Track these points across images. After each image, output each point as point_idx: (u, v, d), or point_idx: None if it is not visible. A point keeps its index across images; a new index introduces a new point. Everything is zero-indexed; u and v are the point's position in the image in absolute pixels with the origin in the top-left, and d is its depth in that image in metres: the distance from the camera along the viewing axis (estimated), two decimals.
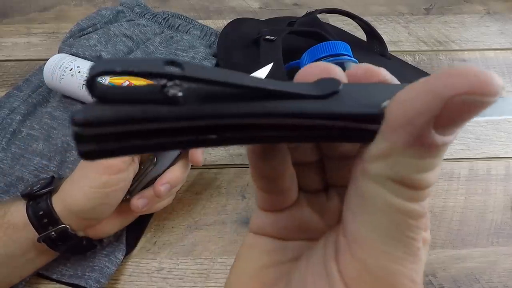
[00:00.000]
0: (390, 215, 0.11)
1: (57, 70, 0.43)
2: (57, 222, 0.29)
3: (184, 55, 0.49)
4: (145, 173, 0.33)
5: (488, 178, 0.42)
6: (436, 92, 0.10)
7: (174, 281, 0.34)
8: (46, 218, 0.29)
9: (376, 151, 0.11)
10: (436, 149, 0.10)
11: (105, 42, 0.47)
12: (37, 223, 0.29)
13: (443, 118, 0.10)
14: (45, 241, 0.30)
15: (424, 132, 0.10)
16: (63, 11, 0.60)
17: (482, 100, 0.09)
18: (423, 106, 0.10)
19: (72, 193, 0.30)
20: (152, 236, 0.37)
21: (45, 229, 0.29)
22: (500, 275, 0.35)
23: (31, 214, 0.29)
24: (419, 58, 0.54)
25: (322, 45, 0.37)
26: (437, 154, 0.11)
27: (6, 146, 0.41)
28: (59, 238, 0.30)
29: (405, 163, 0.11)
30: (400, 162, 0.11)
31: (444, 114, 0.10)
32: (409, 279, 0.12)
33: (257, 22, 0.54)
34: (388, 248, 0.12)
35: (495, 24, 0.58)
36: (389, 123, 0.11)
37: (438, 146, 0.10)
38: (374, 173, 0.11)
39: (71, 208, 0.29)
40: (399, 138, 0.10)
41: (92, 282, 0.33)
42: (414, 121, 0.10)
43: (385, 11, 0.61)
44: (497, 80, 0.09)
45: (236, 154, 0.43)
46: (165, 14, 0.54)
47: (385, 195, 0.11)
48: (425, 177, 0.11)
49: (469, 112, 0.10)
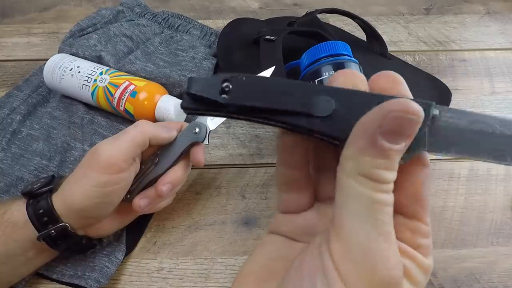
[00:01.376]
0: (362, 202, 0.15)
1: (57, 70, 0.43)
2: (57, 221, 0.29)
3: (184, 55, 0.49)
4: (146, 173, 0.33)
5: (488, 178, 0.42)
6: (380, 110, 0.15)
7: (174, 281, 0.35)
8: (46, 216, 0.29)
9: (348, 153, 0.15)
10: (385, 152, 0.15)
11: (105, 42, 0.47)
12: (37, 221, 0.29)
13: (384, 127, 0.14)
14: (45, 240, 0.29)
15: (374, 137, 0.14)
16: (63, 11, 0.60)
17: (406, 116, 0.14)
18: (372, 119, 0.15)
19: (72, 192, 0.30)
20: (152, 236, 0.37)
21: (45, 227, 0.29)
22: (500, 275, 0.35)
23: (31, 212, 0.29)
24: (419, 58, 0.54)
25: (322, 45, 0.37)
26: (388, 157, 0.15)
27: (6, 146, 0.41)
28: (59, 236, 0.30)
29: (367, 161, 0.15)
30: (364, 160, 0.15)
31: (384, 124, 0.14)
32: (383, 256, 0.15)
33: (257, 22, 0.54)
34: (365, 229, 0.15)
35: (495, 24, 0.58)
36: (354, 133, 0.15)
37: (386, 150, 0.15)
38: (347, 170, 0.15)
39: (71, 207, 0.29)
40: (360, 143, 0.15)
41: (92, 282, 0.33)
42: (367, 130, 0.15)
43: (385, 11, 0.61)
44: (416, 106, 0.14)
45: (236, 154, 0.43)
46: (165, 14, 0.54)
47: (357, 186, 0.15)
48: (383, 174, 0.15)
49: (402, 125, 0.14)
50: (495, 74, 0.51)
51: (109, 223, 0.33)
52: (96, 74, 0.43)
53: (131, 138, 0.31)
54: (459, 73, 0.52)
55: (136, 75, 0.44)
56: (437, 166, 0.42)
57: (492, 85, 0.50)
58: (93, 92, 0.42)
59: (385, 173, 0.15)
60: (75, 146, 0.42)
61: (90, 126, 0.44)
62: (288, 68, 0.43)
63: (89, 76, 0.42)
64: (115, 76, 0.42)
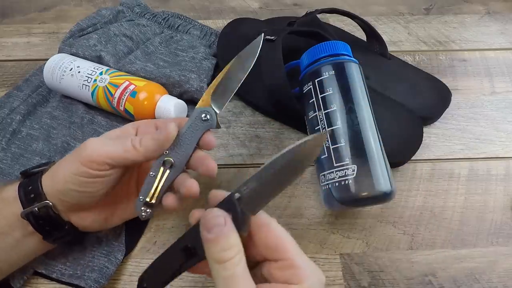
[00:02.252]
0: (219, 281, 0.23)
1: (57, 70, 0.43)
2: (41, 198, 0.30)
3: (184, 55, 0.49)
4: (161, 179, 0.31)
5: (488, 178, 0.42)
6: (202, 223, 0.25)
7: (174, 281, 0.34)
8: (33, 193, 0.30)
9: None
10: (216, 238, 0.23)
11: (105, 42, 0.47)
12: (24, 197, 0.30)
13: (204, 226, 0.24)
14: (28, 218, 0.29)
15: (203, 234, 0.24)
16: (63, 11, 0.60)
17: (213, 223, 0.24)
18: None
19: (57, 173, 0.30)
20: (152, 236, 0.37)
21: (31, 204, 0.29)
22: (500, 275, 0.35)
23: (21, 189, 0.30)
24: (419, 58, 0.54)
25: (322, 45, 0.37)
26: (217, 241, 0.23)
27: (6, 146, 0.41)
28: (42, 216, 0.30)
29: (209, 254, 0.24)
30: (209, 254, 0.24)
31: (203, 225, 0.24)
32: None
33: (257, 22, 0.54)
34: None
35: (495, 24, 0.58)
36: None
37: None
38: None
39: (55, 186, 0.30)
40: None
41: (91, 282, 0.33)
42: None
43: (385, 11, 0.61)
44: (212, 218, 0.24)
45: (236, 154, 0.43)
46: (165, 14, 0.54)
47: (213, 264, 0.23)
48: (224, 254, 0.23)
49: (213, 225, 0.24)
50: (495, 74, 0.51)
51: (92, 216, 0.32)
52: (96, 74, 0.43)
53: (122, 149, 0.29)
54: (459, 73, 0.52)
55: (136, 75, 0.44)
56: (437, 166, 0.42)
57: (492, 85, 0.50)
58: (93, 92, 0.42)
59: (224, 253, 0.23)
60: (75, 146, 0.42)
61: (90, 126, 0.44)
62: (288, 68, 0.43)
63: (89, 76, 0.42)
64: (115, 76, 0.42)
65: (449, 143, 0.44)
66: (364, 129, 0.33)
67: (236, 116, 0.47)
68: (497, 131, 0.45)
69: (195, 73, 0.45)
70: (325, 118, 0.34)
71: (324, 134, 0.32)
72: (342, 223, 0.38)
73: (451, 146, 0.44)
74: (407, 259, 0.36)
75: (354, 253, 0.37)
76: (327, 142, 0.34)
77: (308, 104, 0.37)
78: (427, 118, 0.45)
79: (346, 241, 0.37)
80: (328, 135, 0.34)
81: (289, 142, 0.44)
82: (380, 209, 0.39)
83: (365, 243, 0.37)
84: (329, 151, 0.33)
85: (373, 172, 0.32)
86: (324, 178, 0.34)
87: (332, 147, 0.33)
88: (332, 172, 0.33)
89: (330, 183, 0.33)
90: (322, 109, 0.35)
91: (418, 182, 0.41)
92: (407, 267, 0.36)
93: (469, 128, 0.46)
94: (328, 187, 0.33)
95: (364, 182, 0.32)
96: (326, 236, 0.37)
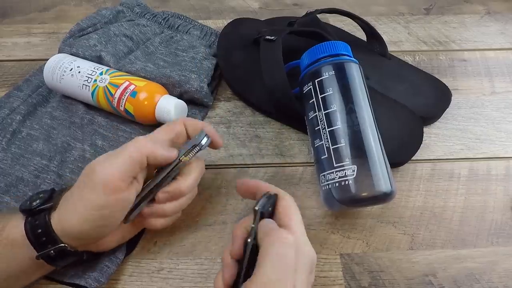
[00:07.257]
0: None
1: (57, 70, 0.43)
2: (55, 241, 0.28)
3: (184, 55, 0.49)
4: (145, 190, 0.31)
5: (488, 178, 0.42)
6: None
7: (175, 281, 0.35)
8: (45, 236, 0.28)
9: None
10: None
11: (105, 42, 0.47)
12: (35, 241, 0.28)
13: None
14: (44, 259, 0.29)
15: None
16: (63, 11, 0.60)
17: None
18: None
19: (68, 217, 0.28)
20: (152, 236, 0.37)
21: (44, 247, 0.28)
22: (500, 275, 0.35)
23: (29, 231, 0.28)
24: (419, 58, 0.54)
25: (322, 45, 0.37)
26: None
27: (6, 146, 0.41)
28: (59, 255, 0.29)
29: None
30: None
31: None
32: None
33: (257, 22, 0.54)
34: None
35: (495, 24, 0.58)
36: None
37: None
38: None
39: (69, 232, 0.28)
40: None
41: (91, 281, 0.33)
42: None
43: (385, 11, 0.61)
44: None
45: (236, 154, 0.43)
46: (165, 14, 0.54)
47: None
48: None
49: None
50: (495, 74, 0.51)
51: (110, 238, 0.32)
52: (96, 74, 0.43)
53: (128, 155, 0.29)
54: (459, 73, 0.52)
55: (136, 75, 0.44)
56: (437, 166, 0.42)
57: (492, 85, 0.50)
58: (93, 92, 0.42)
59: None
60: (75, 146, 0.42)
61: (90, 126, 0.44)
62: (288, 68, 0.43)
63: (89, 76, 0.42)
64: (115, 76, 0.42)
65: (449, 143, 0.44)
66: (364, 129, 0.33)
67: (236, 116, 0.47)
68: (497, 131, 0.45)
69: (195, 73, 0.45)
70: (325, 118, 0.34)
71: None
72: (342, 223, 0.38)
73: (451, 146, 0.44)
74: (408, 259, 0.36)
75: (355, 253, 0.37)
76: (327, 142, 0.34)
77: (308, 104, 0.37)
78: (427, 118, 0.45)
79: (347, 241, 0.37)
80: (329, 135, 0.34)
81: (289, 142, 0.44)
82: (380, 209, 0.39)
83: (365, 243, 0.37)
84: (329, 152, 0.33)
85: (373, 172, 0.32)
86: (324, 178, 0.34)
87: (332, 147, 0.33)
88: (332, 173, 0.33)
89: (330, 184, 0.33)
90: (322, 109, 0.35)
91: (418, 182, 0.41)
92: (408, 267, 0.36)
93: (469, 128, 0.46)
94: (328, 188, 0.33)
95: (364, 182, 0.32)
96: (327, 236, 0.37)
